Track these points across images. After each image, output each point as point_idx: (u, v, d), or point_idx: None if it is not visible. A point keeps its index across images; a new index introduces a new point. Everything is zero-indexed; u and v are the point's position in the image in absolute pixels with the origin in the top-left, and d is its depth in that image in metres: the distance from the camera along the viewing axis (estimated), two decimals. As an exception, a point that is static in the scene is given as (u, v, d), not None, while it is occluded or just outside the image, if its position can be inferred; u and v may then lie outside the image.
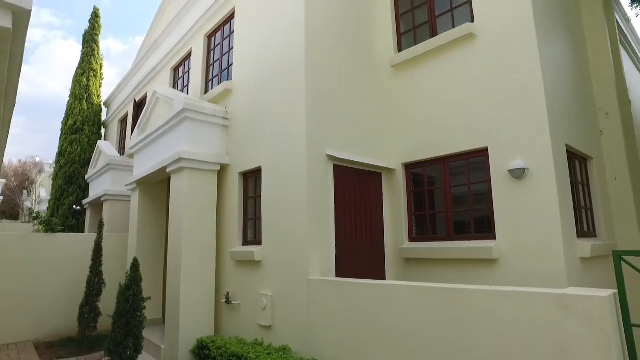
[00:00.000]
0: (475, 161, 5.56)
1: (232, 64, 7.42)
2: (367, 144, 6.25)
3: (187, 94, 8.85)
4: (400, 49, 6.69)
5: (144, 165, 8.03)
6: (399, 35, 6.79)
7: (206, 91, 8.26)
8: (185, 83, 9.38)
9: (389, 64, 6.65)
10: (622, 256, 3.39)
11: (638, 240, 6.33)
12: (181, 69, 9.79)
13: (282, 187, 5.69)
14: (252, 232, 6.49)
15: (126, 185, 8.96)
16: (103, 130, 15.50)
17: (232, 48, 7.49)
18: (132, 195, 8.73)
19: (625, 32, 9.31)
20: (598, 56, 7.08)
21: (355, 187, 6.03)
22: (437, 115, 5.95)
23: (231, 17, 7.71)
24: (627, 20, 9.46)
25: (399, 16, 6.86)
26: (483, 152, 5.39)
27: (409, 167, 6.38)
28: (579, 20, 7.20)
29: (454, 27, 5.96)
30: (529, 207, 4.88)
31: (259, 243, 6.01)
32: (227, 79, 7.52)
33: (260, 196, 6.17)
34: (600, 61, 7.06)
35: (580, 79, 6.64)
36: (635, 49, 10.35)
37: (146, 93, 11.46)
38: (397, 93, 6.55)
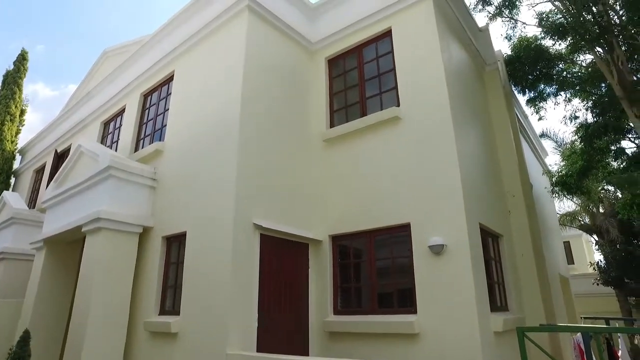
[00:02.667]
0: (399, 236, 5.82)
1: (166, 125, 7.35)
2: (296, 215, 6.32)
3: (116, 150, 8.51)
4: (332, 125, 7.10)
5: (57, 222, 7.35)
6: (332, 112, 7.25)
7: (136, 149, 8.01)
8: (115, 139, 9.04)
9: (321, 138, 6.99)
10: (525, 332, 3.63)
11: (542, 313, 6.83)
12: (112, 124, 9.48)
13: (207, 254, 5.49)
14: (171, 301, 6.05)
15: (31, 243, 8.05)
16: (13, 180, 14.13)
17: (168, 109, 7.47)
18: (37, 255, 7.83)
19: (525, 126, 10.80)
20: (504, 146, 8.06)
21: (282, 258, 5.97)
22: (365, 190, 6.25)
23: (170, 79, 7.77)
24: (525, 116, 11.04)
25: (332, 94, 7.37)
26: (406, 228, 5.67)
27: (336, 239, 6.49)
28: (488, 115, 8.24)
29: (382, 109, 6.51)
30: (447, 282, 5.13)
31: (178, 313, 5.61)
32: (160, 140, 7.39)
33: (182, 262, 5.86)
34: (505, 150, 8.03)
35: (491, 164, 7.44)
36: (533, 140, 11.98)
37: (70, 145, 10.81)
38: (328, 166, 6.83)
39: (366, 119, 6.48)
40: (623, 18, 6.73)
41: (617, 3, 6.78)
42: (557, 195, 10.89)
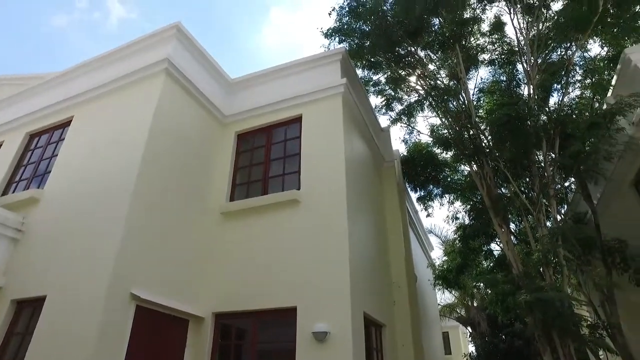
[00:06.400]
0: (285, 319, 5.68)
1: (50, 172, 6.64)
2: (181, 288, 5.90)
3: (-21, 190, 7.37)
4: (232, 198, 7.03)
5: None
6: (234, 186, 7.21)
7: (5, 193, 7.04)
8: (-19, 177, 7.87)
9: (219, 210, 6.82)
10: None
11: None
12: (-19, 159, 8.29)
13: (68, 325, 4.76)
14: (4, 382, 5.01)
15: None
16: None
17: (57, 156, 6.82)
18: None
19: (415, 220, 11.87)
20: (394, 238, 8.68)
21: (157, 334, 5.42)
22: (256, 269, 6.11)
23: (67, 124, 7.22)
24: (416, 212, 12.18)
25: (237, 168, 7.39)
26: (292, 312, 5.57)
27: (219, 317, 6.10)
28: (382, 207, 8.91)
29: (283, 190, 6.68)
30: (327, 372, 5.03)
31: (10, 399, 4.64)
32: (39, 187, 6.62)
33: (32, 333, 4.98)
34: (395, 242, 8.63)
35: (381, 254, 7.87)
36: (421, 234, 13.13)
37: None
38: (222, 240, 6.60)
39: (266, 197, 6.57)
40: (490, 142, 8.12)
41: (486, 130, 8.23)
42: (438, 287, 11.81)
